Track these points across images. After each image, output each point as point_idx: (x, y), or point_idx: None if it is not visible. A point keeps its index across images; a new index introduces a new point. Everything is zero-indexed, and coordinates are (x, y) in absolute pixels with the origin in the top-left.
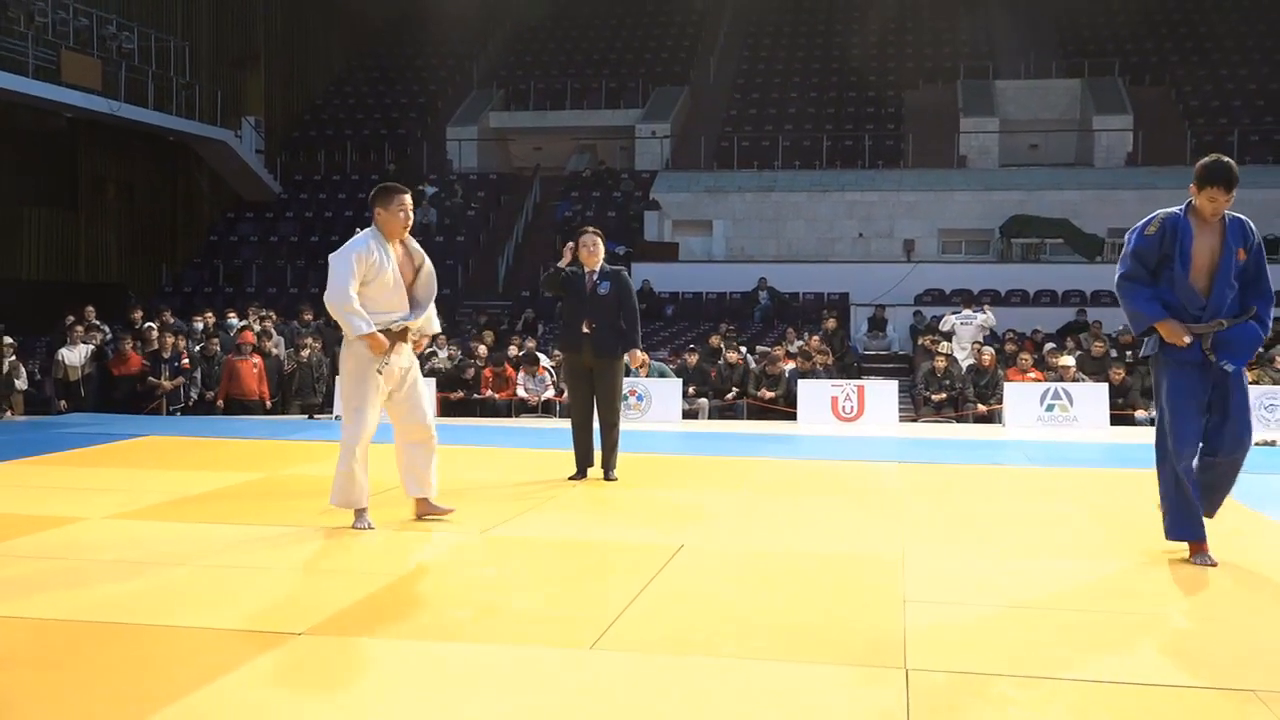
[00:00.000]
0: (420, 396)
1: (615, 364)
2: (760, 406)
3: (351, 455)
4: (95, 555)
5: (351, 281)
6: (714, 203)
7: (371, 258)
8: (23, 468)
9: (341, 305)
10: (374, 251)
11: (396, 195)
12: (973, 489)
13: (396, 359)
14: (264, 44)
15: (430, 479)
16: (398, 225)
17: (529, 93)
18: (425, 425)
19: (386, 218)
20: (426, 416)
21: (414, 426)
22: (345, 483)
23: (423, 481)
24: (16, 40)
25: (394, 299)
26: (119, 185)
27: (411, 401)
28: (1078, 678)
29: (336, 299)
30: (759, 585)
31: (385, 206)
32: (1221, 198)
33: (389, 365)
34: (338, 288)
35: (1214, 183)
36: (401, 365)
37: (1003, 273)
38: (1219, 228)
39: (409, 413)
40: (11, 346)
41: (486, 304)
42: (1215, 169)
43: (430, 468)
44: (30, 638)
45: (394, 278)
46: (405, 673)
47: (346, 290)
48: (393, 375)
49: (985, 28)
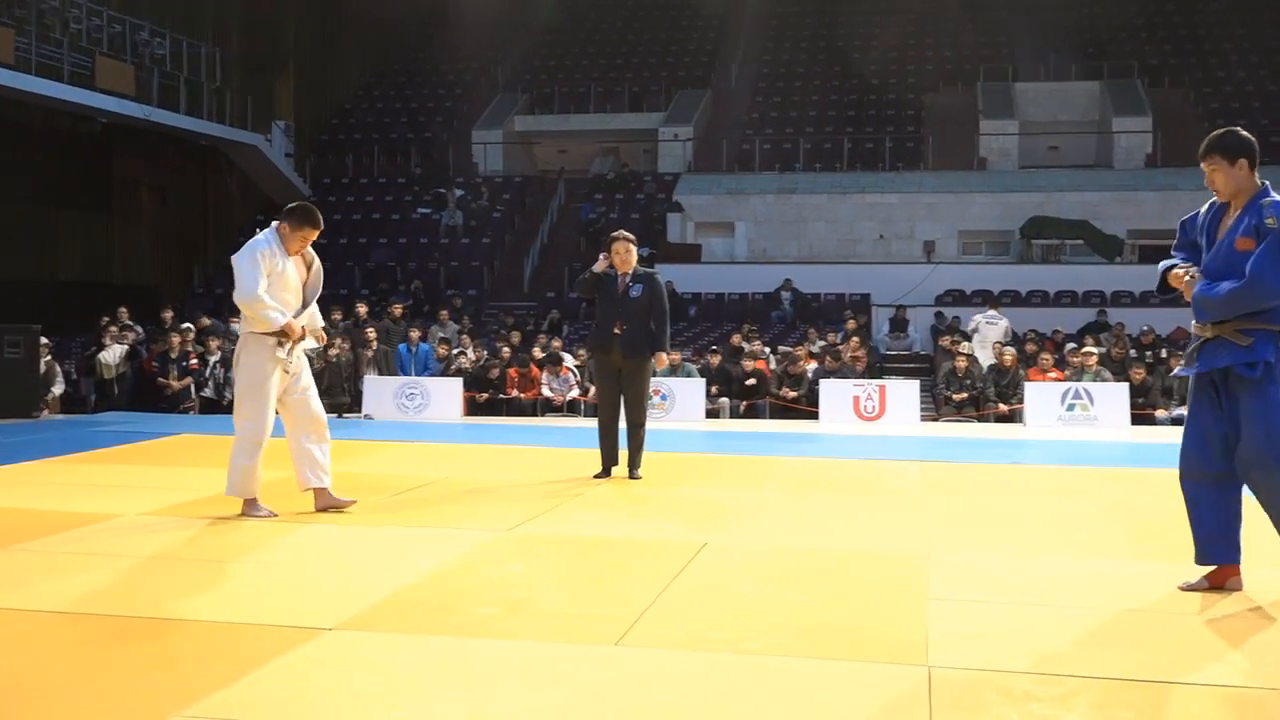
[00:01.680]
0: (313, 390)
1: (644, 365)
2: (782, 406)
3: (257, 449)
4: (129, 551)
5: (260, 279)
6: (736, 205)
7: (274, 258)
8: (58, 465)
9: (253, 301)
10: (275, 252)
11: (308, 228)
12: (994, 488)
13: (298, 357)
14: (293, 49)
15: (328, 470)
16: (296, 247)
17: (553, 96)
18: (321, 418)
19: (292, 237)
20: (320, 410)
21: (310, 419)
22: (246, 476)
23: (321, 472)
24: (52, 47)
25: (293, 297)
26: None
27: (308, 395)
28: (1099, 675)
29: (247, 295)
30: (782, 582)
31: (293, 228)
32: (1213, 170)
33: (292, 361)
34: (247, 285)
35: (1205, 154)
36: (298, 361)
37: (1023, 274)
38: (1238, 212)
39: (305, 407)
40: (47, 347)
41: (512, 305)
42: (1206, 140)
43: (327, 459)
44: (66, 632)
45: (293, 278)
46: (433, 668)
47: (255, 286)
48: (291, 369)
49: (1005, 30)
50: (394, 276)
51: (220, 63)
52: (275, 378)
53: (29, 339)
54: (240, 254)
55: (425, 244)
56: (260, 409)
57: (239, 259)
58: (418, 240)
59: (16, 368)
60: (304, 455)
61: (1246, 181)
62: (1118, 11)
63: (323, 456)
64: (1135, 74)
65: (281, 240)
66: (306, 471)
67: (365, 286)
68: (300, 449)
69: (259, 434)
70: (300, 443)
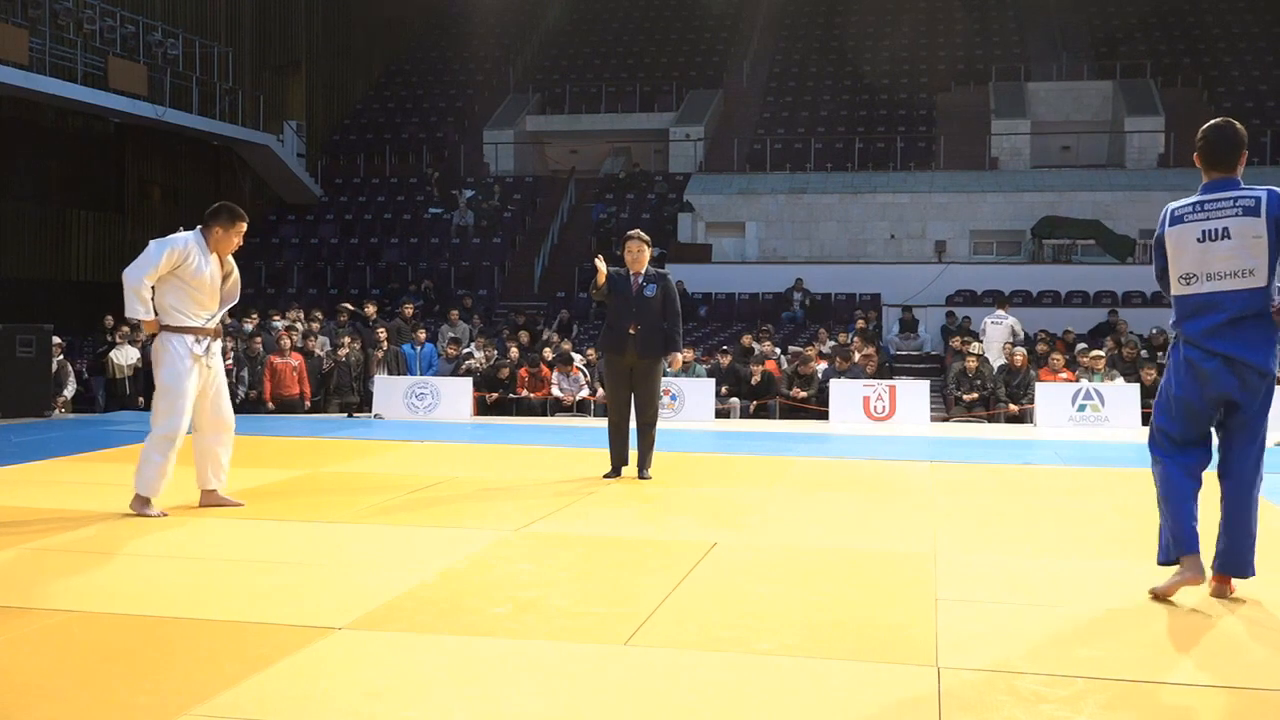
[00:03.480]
0: (225, 392)
1: (656, 365)
2: (792, 406)
3: (171, 446)
4: (140, 550)
5: (152, 271)
6: (747, 205)
7: (190, 259)
8: (70, 464)
9: (133, 285)
10: (194, 254)
11: (240, 222)
12: (1004, 488)
13: (213, 356)
14: (305, 50)
15: (226, 470)
16: (229, 246)
17: (564, 96)
18: (229, 422)
19: (223, 236)
20: (229, 413)
21: (219, 421)
22: (157, 474)
23: (221, 474)
24: (65, 48)
25: (212, 300)
26: (164, 188)
27: (221, 397)
28: (1109, 676)
29: (134, 279)
30: (792, 582)
31: (226, 227)
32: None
33: (209, 363)
34: (133, 268)
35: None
36: (214, 362)
37: (1034, 274)
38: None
39: (217, 408)
40: (59, 346)
41: (523, 304)
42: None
43: (228, 461)
44: (75, 631)
45: (211, 281)
46: (443, 667)
47: (138, 274)
48: (205, 370)
49: (1017, 30)
50: (405, 276)
51: (233, 63)
52: (194, 376)
53: (41, 338)
54: (157, 241)
55: (436, 244)
56: (177, 406)
57: (153, 244)
58: (429, 240)
59: (28, 367)
60: (208, 456)
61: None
62: (1131, 11)
63: (225, 459)
64: (1148, 73)
65: (212, 242)
66: (208, 472)
67: (376, 286)
68: (205, 449)
69: (174, 431)
70: (207, 443)
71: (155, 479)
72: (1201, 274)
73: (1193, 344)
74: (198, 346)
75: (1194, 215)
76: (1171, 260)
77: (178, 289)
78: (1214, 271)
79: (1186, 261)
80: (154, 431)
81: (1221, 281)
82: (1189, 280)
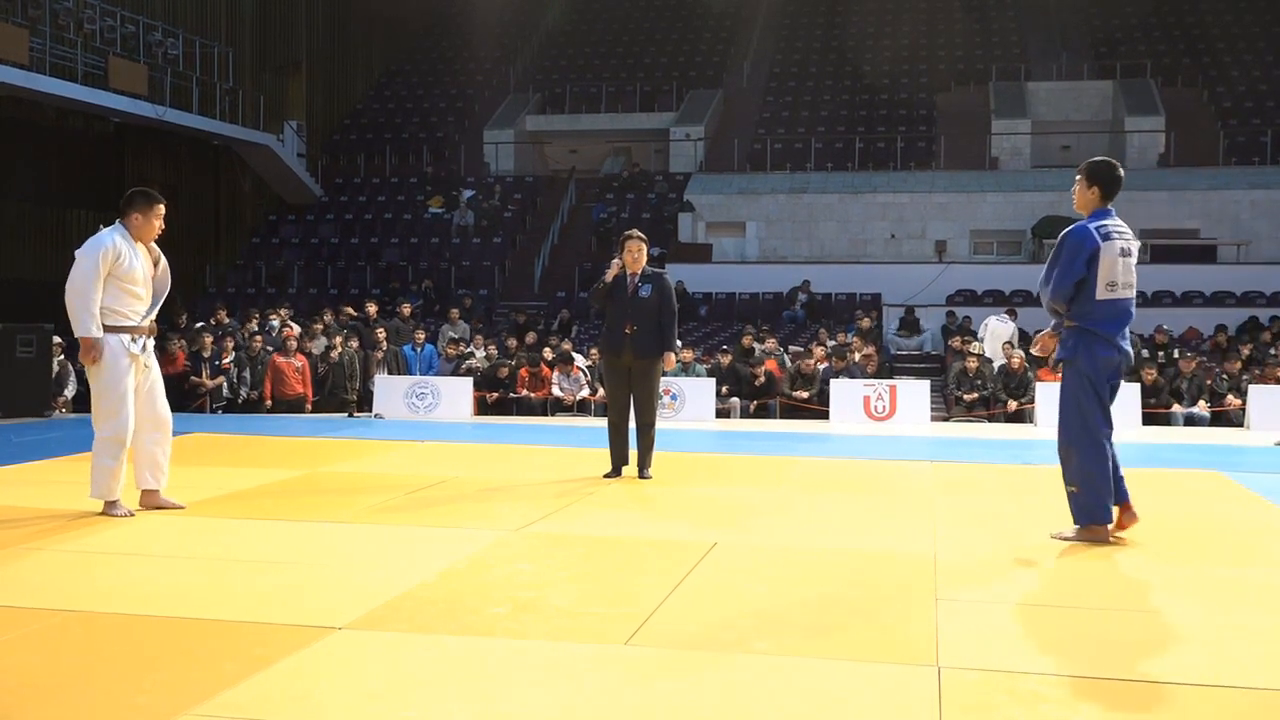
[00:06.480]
0: (161, 390)
1: (654, 365)
2: (793, 406)
3: (121, 448)
4: (142, 550)
5: (97, 282)
6: (747, 204)
7: (121, 257)
8: (70, 464)
9: (86, 302)
10: (123, 251)
11: (157, 204)
12: (1004, 488)
13: (148, 355)
14: (306, 50)
15: (165, 470)
16: (151, 232)
17: (565, 96)
18: (166, 419)
19: (143, 223)
20: (166, 410)
21: (156, 419)
22: (109, 477)
23: (160, 474)
24: (66, 47)
25: (144, 290)
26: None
27: (156, 393)
28: (1110, 676)
29: (79, 296)
30: (792, 582)
31: (144, 213)
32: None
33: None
34: (81, 284)
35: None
36: (149, 360)
37: (1034, 274)
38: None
39: (153, 405)
40: (59, 346)
41: (523, 304)
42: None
43: (167, 460)
44: (74, 631)
45: (143, 275)
46: (443, 667)
47: (90, 290)
48: (142, 369)
49: (1017, 30)
50: (405, 276)
51: (233, 63)
52: (131, 375)
53: (41, 338)
54: (84, 248)
55: (436, 244)
56: (119, 407)
57: (82, 253)
58: (429, 240)
59: (28, 367)
60: (145, 455)
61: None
62: (1131, 11)
63: (163, 458)
64: (1148, 73)
65: (134, 230)
66: (146, 472)
67: (376, 286)
68: (141, 449)
69: (121, 432)
70: (144, 443)
71: (109, 482)
72: (1121, 283)
73: (1109, 342)
74: (134, 345)
75: (1116, 234)
76: (1102, 270)
77: (112, 288)
78: (1129, 282)
79: (1115, 272)
80: (100, 434)
81: (1129, 290)
82: (1113, 288)
